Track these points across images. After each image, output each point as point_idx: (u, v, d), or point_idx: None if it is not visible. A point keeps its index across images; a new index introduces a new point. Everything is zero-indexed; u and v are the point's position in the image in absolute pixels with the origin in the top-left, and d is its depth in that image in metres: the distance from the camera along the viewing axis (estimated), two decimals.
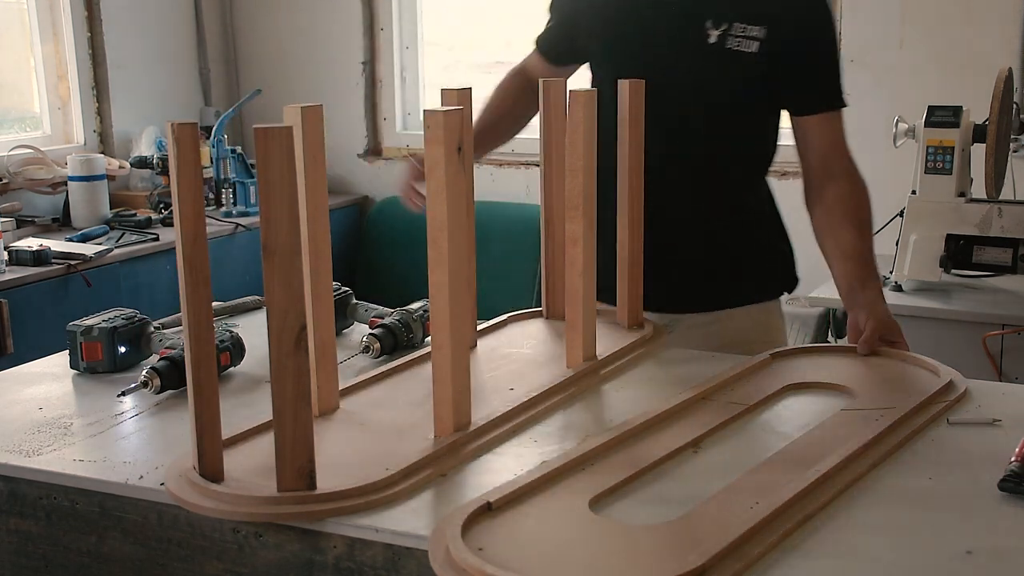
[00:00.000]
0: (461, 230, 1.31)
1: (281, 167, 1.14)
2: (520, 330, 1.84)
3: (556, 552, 1.09)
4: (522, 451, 1.35)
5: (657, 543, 1.11)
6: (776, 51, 1.77)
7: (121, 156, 3.99)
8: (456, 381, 1.34)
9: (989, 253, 2.78)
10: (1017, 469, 1.22)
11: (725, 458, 1.33)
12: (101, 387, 1.63)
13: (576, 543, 1.11)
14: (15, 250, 3.09)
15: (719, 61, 1.79)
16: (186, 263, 1.19)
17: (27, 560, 1.36)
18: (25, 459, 1.36)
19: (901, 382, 1.58)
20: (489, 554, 1.07)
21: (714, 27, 1.78)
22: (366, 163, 4.41)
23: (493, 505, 1.16)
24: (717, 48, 1.78)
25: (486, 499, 1.17)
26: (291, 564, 1.20)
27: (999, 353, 2.63)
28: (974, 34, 3.37)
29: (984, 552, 1.09)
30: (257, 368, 1.67)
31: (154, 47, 4.23)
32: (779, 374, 1.61)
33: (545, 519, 1.16)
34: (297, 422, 1.19)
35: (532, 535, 1.13)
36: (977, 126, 2.77)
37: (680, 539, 1.11)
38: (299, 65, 4.43)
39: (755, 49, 1.77)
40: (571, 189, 1.57)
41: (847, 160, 1.85)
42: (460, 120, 1.29)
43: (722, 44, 1.78)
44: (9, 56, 3.95)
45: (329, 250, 1.43)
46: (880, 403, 1.47)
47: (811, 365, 1.65)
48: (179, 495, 1.23)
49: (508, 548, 1.09)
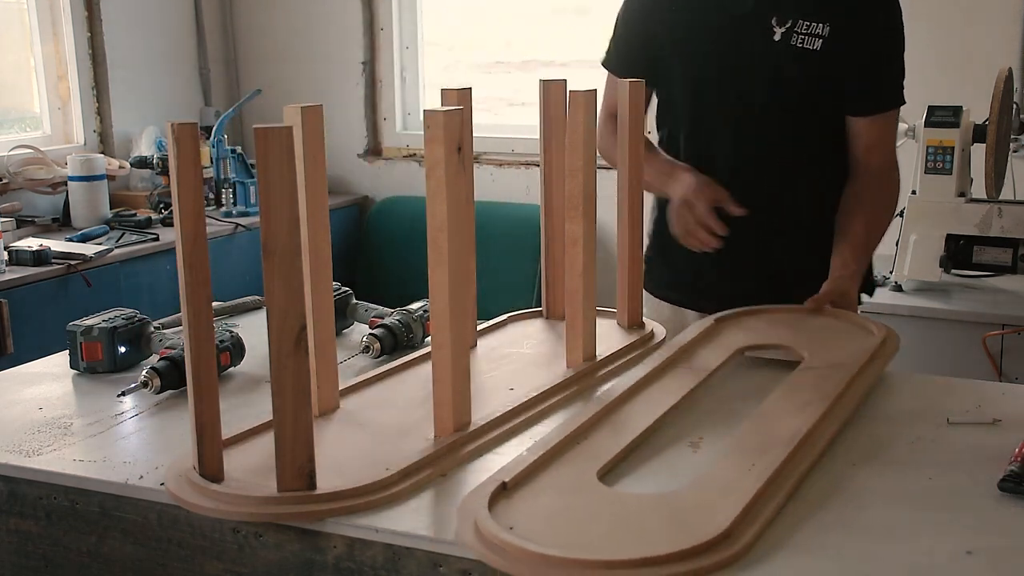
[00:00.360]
0: (461, 230, 1.31)
1: (281, 167, 1.14)
2: (520, 330, 1.84)
3: (579, 526, 1.12)
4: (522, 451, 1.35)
5: (674, 511, 1.14)
6: (840, 50, 1.78)
7: (121, 156, 3.99)
8: (456, 381, 1.34)
9: (989, 253, 2.78)
10: (1017, 469, 1.22)
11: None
12: (101, 387, 1.63)
13: (596, 517, 1.14)
14: (15, 250, 3.09)
15: (784, 59, 1.79)
16: (186, 263, 1.19)
17: (27, 560, 1.36)
18: (25, 459, 1.36)
19: (839, 339, 1.66)
20: (519, 532, 1.09)
21: (778, 24, 1.79)
22: (366, 163, 4.41)
23: (508, 484, 1.18)
24: (782, 45, 1.78)
25: (499, 479, 1.19)
26: (291, 564, 1.20)
27: (999, 353, 2.63)
28: (974, 34, 3.37)
29: (984, 552, 1.09)
30: (257, 368, 1.67)
31: (154, 47, 4.23)
32: (730, 338, 1.68)
33: (559, 494, 1.19)
34: (297, 422, 1.19)
35: (551, 511, 1.15)
36: (977, 126, 2.77)
37: (695, 506, 1.15)
38: (299, 65, 4.43)
39: (818, 47, 1.77)
40: (571, 189, 1.57)
41: (887, 157, 1.88)
42: (460, 120, 1.29)
43: (786, 41, 1.78)
44: (9, 56, 3.95)
45: (329, 250, 1.43)
46: (827, 361, 1.55)
47: (757, 326, 1.73)
48: (179, 495, 1.23)
49: (533, 525, 1.12)
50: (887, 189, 1.90)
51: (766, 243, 1.90)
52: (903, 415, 1.47)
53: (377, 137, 4.44)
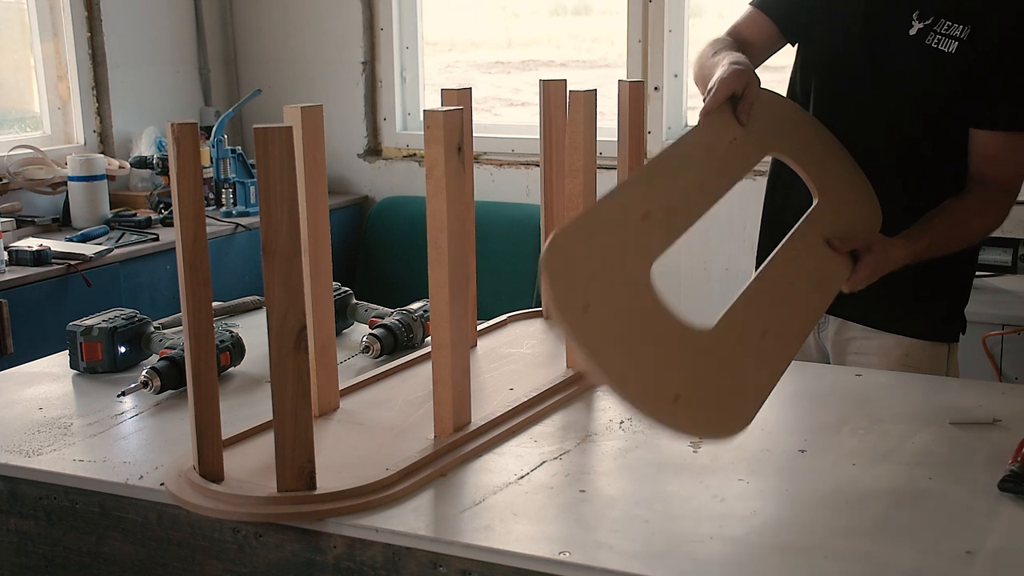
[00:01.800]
0: (461, 230, 1.31)
1: (281, 167, 1.14)
2: (520, 330, 1.84)
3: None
4: (522, 451, 1.35)
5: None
6: (975, 55, 1.68)
7: (121, 156, 3.99)
8: (456, 381, 1.34)
9: (989, 253, 2.78)
10: (1017, 469, 1.22)
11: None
12: (101, 387, 1.63)
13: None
14: (15, 250, 3.09)
15: (916, 55, 1.71)
16: (186, 263, 1.19)
17: (27, 560, 1.36)
18: (25, 459, 1.36)
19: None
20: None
21: (919, 19, 1.72)
22: (366, 163, 4.41)
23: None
24: (916, 41, 1.71)
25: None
26: (291, 564, 1.20)
27: (999, 353, 2.63)
28: None
29: (984, 552, 1.09)
30: (257, 368, 1.67)
31: (154, 47, 4.22)
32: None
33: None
34: (297, 422, 1.19)
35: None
36: None
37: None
38: (299, 65, 4.42)
39: (953, 50, 1.68)
40: (571, 189, 1.57)
41: (1005, 175, 1.73)
42: (460, 120, 1.29)
43: (922, 38, 1.71)
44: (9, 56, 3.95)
45: (329, 250, 1.43)
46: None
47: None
48: (179, 495, 1.23)
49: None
50: (987, 213, 1.73)
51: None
52: (903, 415, 1.47)
53: (377, 137, 4.44)
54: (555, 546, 1.12)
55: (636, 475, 1.30)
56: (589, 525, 1.17)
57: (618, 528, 1.16)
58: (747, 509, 1.20)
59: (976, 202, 1.73)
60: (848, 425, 1.43)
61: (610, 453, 1.36)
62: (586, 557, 1.09)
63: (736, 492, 1.25)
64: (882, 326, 1.83)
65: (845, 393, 1.58)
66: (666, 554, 1.11)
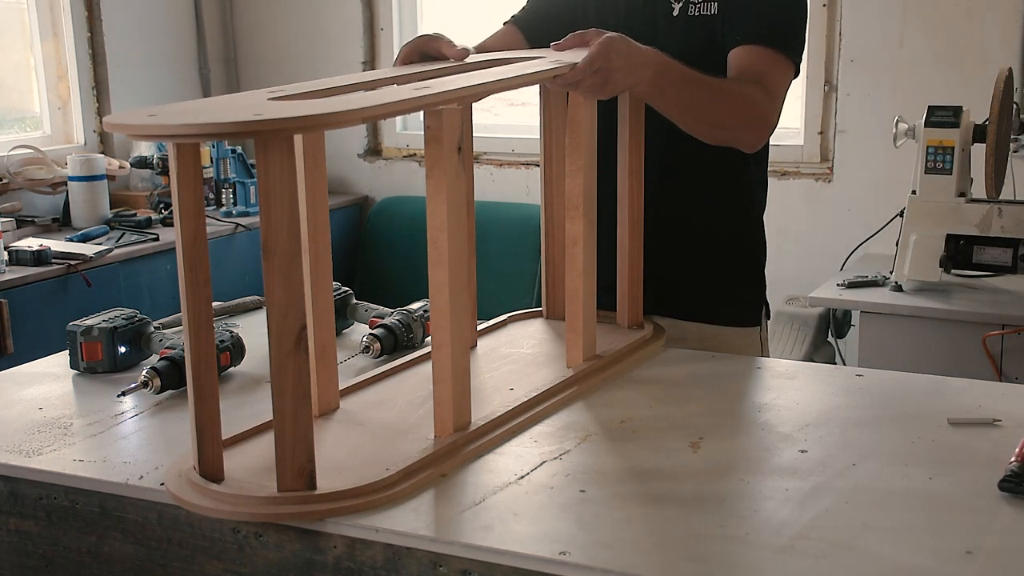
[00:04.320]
0: (461, 230, 1.31)
1: (281, 167, 1.14)
2: (520, 330, 1.84)
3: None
4: (522, 451, 1.35)
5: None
6: (731, 7, 1.76)
7: (121, 156, 3.99)
8: (456, 381, 1.34)
9: (989, 253, 2.78)
10: (1017, 469, 1.22)
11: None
12: (101, 387, 1.63)
13: None
14: (15, 250, 3.09)
15: (687, 30, 1.80)
16: (186, 263, 1.19)
17: (27, 560, 1.36)
18: (25, 459, 1.36)
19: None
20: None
21: (676, 1, 1.81)
22: (366, 163, 4.41)
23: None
24: (681, 18, 1.80)
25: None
26: (291, 564, 1.20)
27: (999, 353, 2.63)
28: (974, 34, 3.37)
29: (984, 552, 1.09)
30: (257, 368, 1.67)
31: (154, 47, 4.23)
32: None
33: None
34: (297, 422, 1.19)
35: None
36: (977, 126, 2.77)
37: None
38: (299, 65, 4.42)
39: (716, 11, 1.78)
40: (571, 189, 1.57)
41: (757, 82, 1.72)
42: (460, 120, 1.29)
43: (684, 12, 1.80)
44: (9, 56, 3.95)
45: (329, 250, 1.43)
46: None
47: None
48: (179, 495, 1.23)
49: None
50: (741, 91, 1.71)
51: (677, 234, 1.85)
52: (903, 415, 1.47)
53: (377, 137, 4.44)
54: (555, 546, 1.12)
55: (636, 475, 1.30)
56: (589, 525, 1.17)
57: (618, 528, 1.16)
58: (747, 509, 1.20)
59: (733, 83, 1.73)
60: (848, 425, 1.43)
61: (610, 453, 1.36)
62: (586, 557, 1.10)
63: (736, 492, 1.25)
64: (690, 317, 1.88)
65: (845, 393, 1.58)
66: (666, 554, 1.11)
